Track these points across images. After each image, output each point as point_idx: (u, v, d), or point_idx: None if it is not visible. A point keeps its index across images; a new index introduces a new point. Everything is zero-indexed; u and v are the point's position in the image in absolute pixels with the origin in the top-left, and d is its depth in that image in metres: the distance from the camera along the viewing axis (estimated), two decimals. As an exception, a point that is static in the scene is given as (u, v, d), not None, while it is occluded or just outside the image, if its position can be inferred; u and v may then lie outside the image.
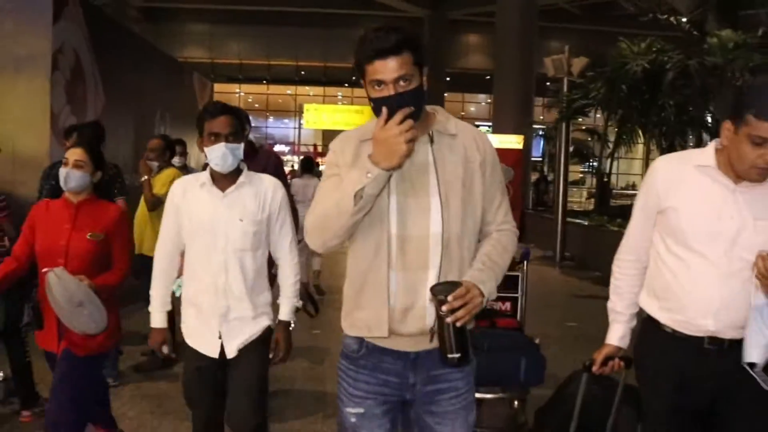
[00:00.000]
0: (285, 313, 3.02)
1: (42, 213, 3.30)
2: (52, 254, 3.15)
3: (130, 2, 30.13)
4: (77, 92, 6.96)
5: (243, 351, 2.91)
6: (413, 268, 2.04)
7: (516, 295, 4.47)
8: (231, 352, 2.89)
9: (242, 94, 36.14)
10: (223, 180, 2.90)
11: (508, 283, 4.31)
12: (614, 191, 21.89)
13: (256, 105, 36.90)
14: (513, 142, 15.00)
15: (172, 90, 10.35)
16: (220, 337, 2.87)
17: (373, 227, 2.04)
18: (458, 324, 1.91)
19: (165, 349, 2.99)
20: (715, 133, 11.27)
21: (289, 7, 30.73)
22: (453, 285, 1.95)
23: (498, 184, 2.21)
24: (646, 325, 2.54)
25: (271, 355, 3.00)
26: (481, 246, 2.16)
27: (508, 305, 4.46)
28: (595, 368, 2.65)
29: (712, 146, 2.36)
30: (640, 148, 20.94)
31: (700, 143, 10.71)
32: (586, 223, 13.14)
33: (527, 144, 16.63)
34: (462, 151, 2.10)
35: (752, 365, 2.22)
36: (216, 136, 2.83)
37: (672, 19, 11.09)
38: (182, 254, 3.07)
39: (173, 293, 3.24)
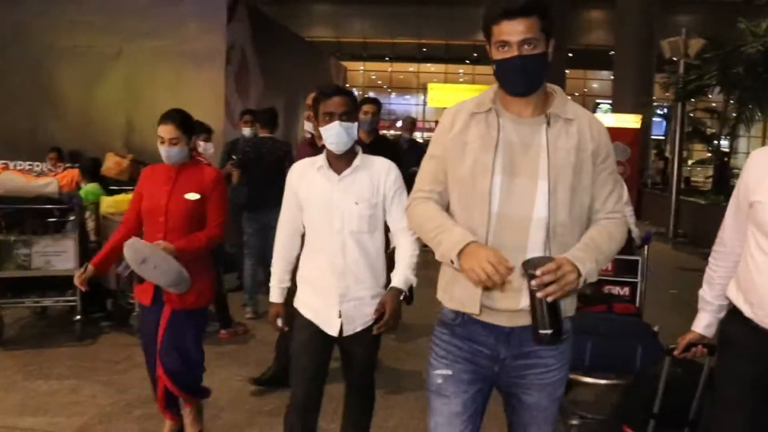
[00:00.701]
0: (398, 281, 2.95)
1: (148, 177, 3.60)
2: (154, 213, 3.46)
3: (262, -15, 32.12)
4: (243, 81, 8.37)
5: (360, 330, 2.97)
6: (510, 247, 2.01)
7: (636, 280, 4.37)
8: (349, 331, 2.95)
9: (366, 71, 37.52)
10: (339, 163, 2.94)
11: (628, 267, 4.31)
12: (736, 171, 21.69)
13: (379, 82, 38.19)
14: (631, 121, 15.48)
15: (313, 74, 11.70)
16: (340, 316, 2.92)
17: (474, 205, 2.06)
18: (549, 299, 1.91)
19: (279, 322, 3.09)
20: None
21: (410, -14, 31.76)
22: (544, 259, 1.95)
23: (610, 174, 2.17)
24: (730, 315, 2.52)
25: (374, 318, 2.95)
26: (592, 228, 2.12)
27: (626, 290, 4.35)
28: (676, 353, 2.71)
29: None
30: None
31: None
32: (702, 202, 13.54)
33: (645, 123, 16.95)
34: (576, 137, 2.07)
35: None
36: (330, 115, 2.87)
37: None
38: None
39: None
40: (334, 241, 2.91)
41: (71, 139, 8.18)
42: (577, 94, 35.86)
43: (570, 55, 32.81)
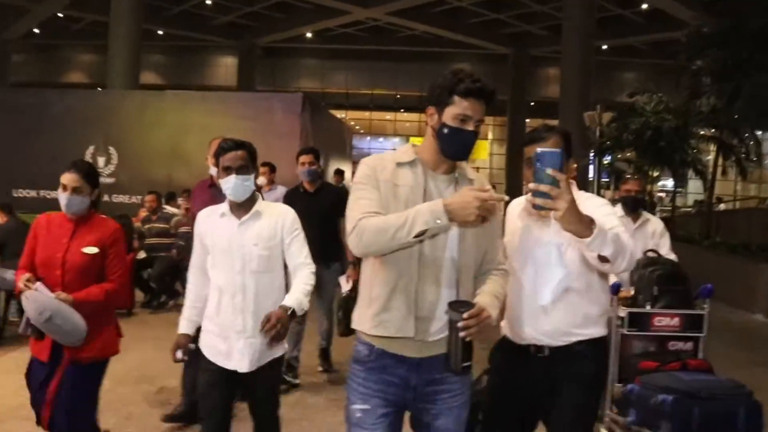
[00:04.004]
0: (289, 300, 3.22)
1: (43, 227, 3.59)
2: (50, 265, 3.47)
3: (257, 43, 37.82)
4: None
5: (259, 369, 3.29)
6: (429, 283, 2.44)
7: (700, 334, 4.40)
8: (244, 367, 3.26)
9: (348, 119, 42.88)
10: (240, 209, 3.30)
11: (693, 322, 4.33)
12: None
13: (357, 127, 43.51)
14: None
15: (336, 136, 17.20)
16: (240, 352, 3.24)
17: None
18: (468, 338, 2.28)
19: (179, 354, 3.35)
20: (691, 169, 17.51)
21: (389, 46, 37.79)
22: (468, 303, 2.34)
23: (498, 229, 2.64)
24: (500, 338, 3.02)
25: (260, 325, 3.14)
26: (489, 281, 2.55)
27: (690, 345, 4.37)
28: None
29: None
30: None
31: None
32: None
33: (581, 170, 22.53)
34: None
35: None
36: (227, 169, 3.24)
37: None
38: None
39: None
40: (235, 280, 3.24)
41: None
42: (538, 140, 41.57)
43: (532, 104, 38.95)
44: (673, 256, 5.01)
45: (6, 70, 35.47)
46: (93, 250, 3.50)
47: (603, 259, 2.49)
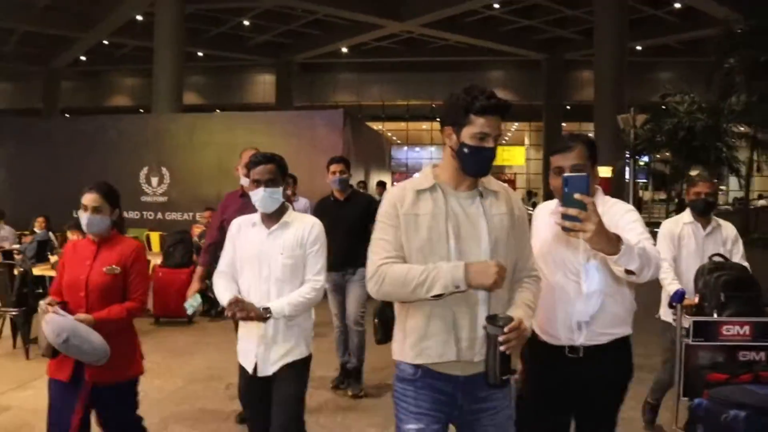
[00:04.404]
0: (273, 303, 3.34)
1: (69, 251, 3.72)
2: (74, 288, 3.52)
3: (294, 60, 38.74)
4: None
5: (282, 372, 3.41)
6: (469, 303, 2.45)
7: None
8: (264, 371, 3.41)
9: (385, 130, 43.55)
10: (269, 219, 3.47)
11: (765, 330, 4.00)
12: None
13: (394, 138, 44.23)
14: (604, 171, 21.51)
15: (375, 149, 17.81)
16: (256, 356, 3.40)
17: None
18: (507, 352, 2.32)
19: (237, 314, 3.33)
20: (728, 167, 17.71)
21: (422, 57, 38.47)
22: (507, 318, 2.35)
23: (527, 235, 2.69)
24: (532, 339, 2.84)
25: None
26: (521, 290, 2.60)
27: (762, 355, 4.01)
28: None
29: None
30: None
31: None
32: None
33: (617, 171, 22.79)
34: (504, 206, 2.55)
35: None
36: (257, 182, 3.40)
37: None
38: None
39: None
40: (260, 288, 3.41)
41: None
42: (573, 143, 41.79)
43: (568, 108, 39.19)
44: (746, 265, 4.59)
45: (56, 96, 37.07)
46: (114, 269, 3.54)
47: (629, 272, 2.50)
